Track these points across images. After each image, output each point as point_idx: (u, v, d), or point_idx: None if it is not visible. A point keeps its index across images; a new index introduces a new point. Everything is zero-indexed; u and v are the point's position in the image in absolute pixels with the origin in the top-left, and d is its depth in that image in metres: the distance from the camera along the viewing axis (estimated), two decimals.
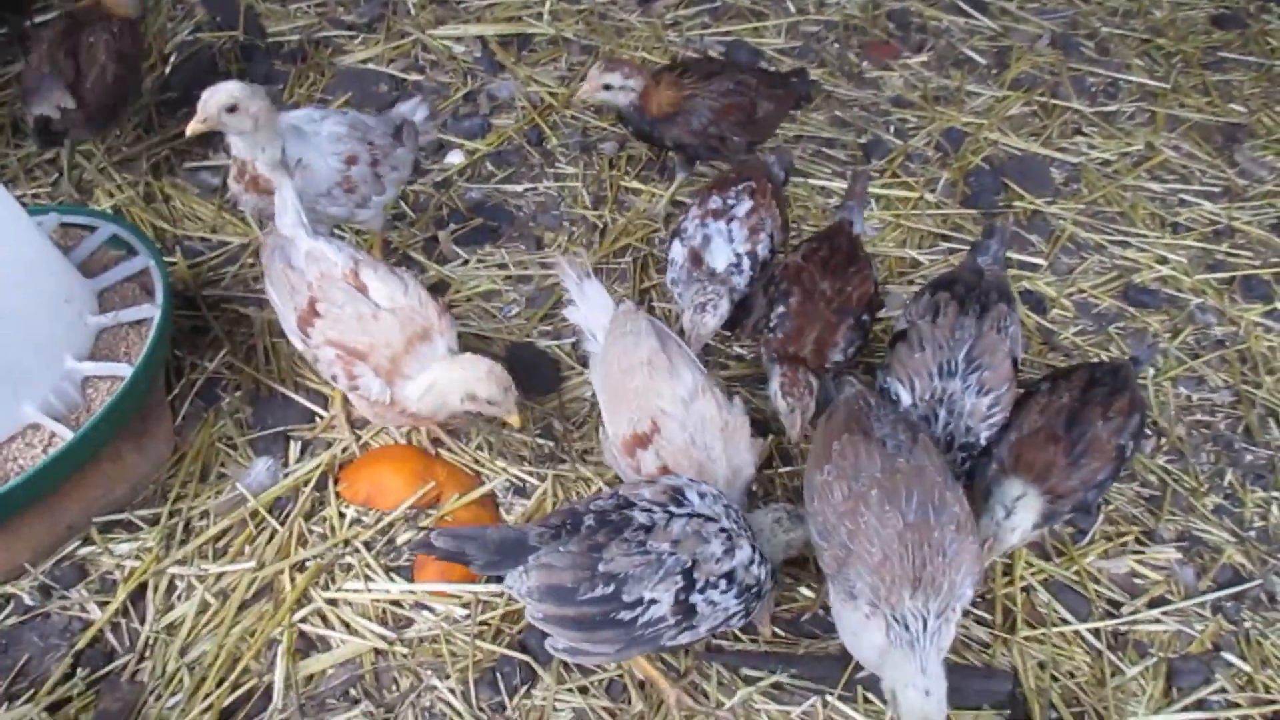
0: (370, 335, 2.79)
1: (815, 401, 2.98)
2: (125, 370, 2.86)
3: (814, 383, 2.98)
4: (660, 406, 2.70)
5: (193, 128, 2.95)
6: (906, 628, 2.27)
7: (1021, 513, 2.70)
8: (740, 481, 2.71)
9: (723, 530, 2.43)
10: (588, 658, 2.46)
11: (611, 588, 2.31)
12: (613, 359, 2.82)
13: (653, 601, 2.32)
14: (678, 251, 3.28)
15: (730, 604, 2.42)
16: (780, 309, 3.12)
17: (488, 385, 2.77)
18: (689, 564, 2.36)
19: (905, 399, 2.89)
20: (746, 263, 3.24)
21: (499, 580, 2.85)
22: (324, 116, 3.27)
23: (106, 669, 2.69)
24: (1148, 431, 3.21)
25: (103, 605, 2.80)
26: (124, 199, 3.83)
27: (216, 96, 2.91)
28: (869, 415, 2.60)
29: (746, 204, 3.29)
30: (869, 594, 2.32)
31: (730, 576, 2.40)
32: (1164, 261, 4.00)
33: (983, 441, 2.89)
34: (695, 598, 2.36)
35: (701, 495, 2.50)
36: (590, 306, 2.99)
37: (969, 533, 2.39)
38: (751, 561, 2.45)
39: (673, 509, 2.43)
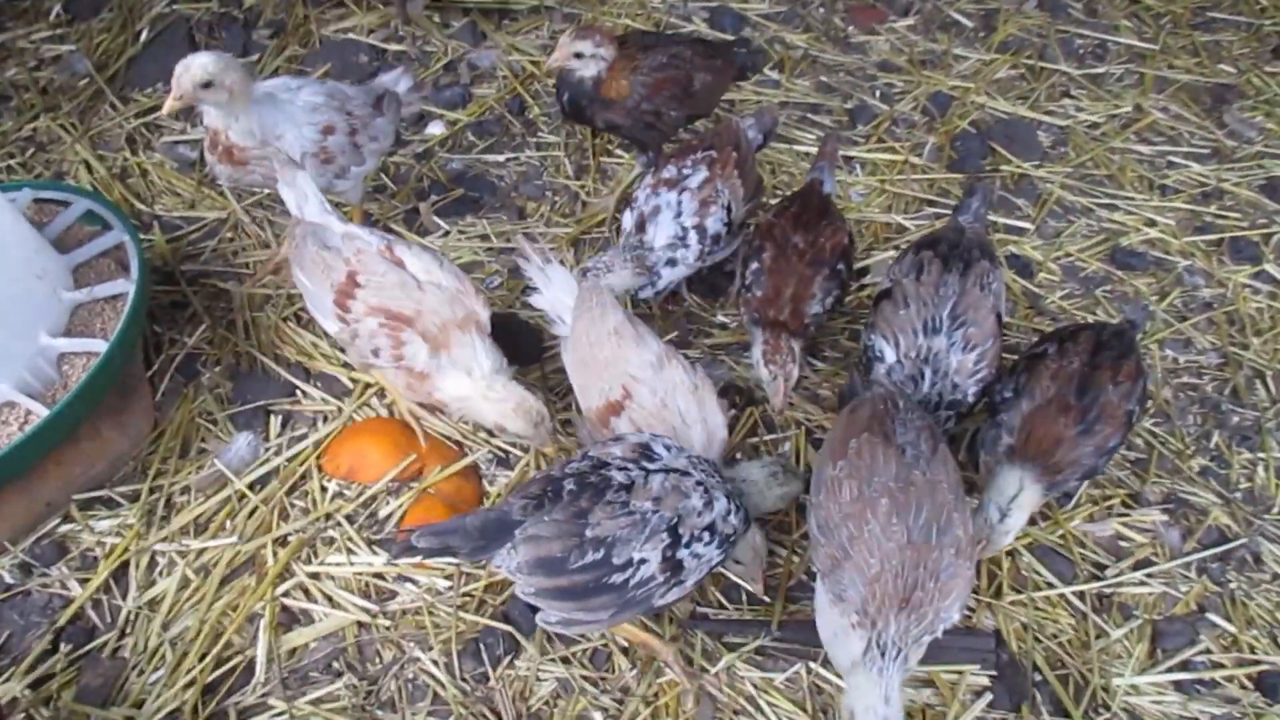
0: (417, 302, 2.77)
1: (799, 368, 2.97)
2: (101, 346, 2.83)
3: (796, 349, 2.97)
4: (630, 373, 2.70)
5: (169, 106, 2.92)
6: (882, 654, 2.26)
7: (1016, 514, 2.70)
8: (716, 444, 2.71)
9: (698, 484, 2.45)
10: (581, 627, 2.45)
11: (601, 552, 2.29)
12: (580, 334, 2.80)
13: (642, 561, 2.32)
14: (628, 219, 3.26)
15: (713, 555, 2.45)
16: (754, 265, 3.12)
17: (515, 421, 2.80)
18: (674, 520, 2.36)
19: (890, 356, 2.88)
20: (694, 237, 3.19)
21: None
22: (300, 85, 3.22)
23: (88, 646, 2.68)
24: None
25: (83, 582, 2.79)
26: (101, 175, 3.79)
27: (191, 73, 2.87)
28: (893, 419, 2.55)
29: (701, 174, 3.23)
30: (858, 604, 2.30)
31: (712, 528, 2.42)
32: (1152, 224, 3.97)
33: (970, 398, 2.88)
34: (682, 553, 2.37)
35: (668, 448, 2.51)
36: (554, 290, 2.96)
37: (967, 557, 2.36)
38: (729, 511, 2.48)
39: (646, 465, 2.43)
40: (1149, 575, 2.95)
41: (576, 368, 2.84)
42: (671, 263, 3.20)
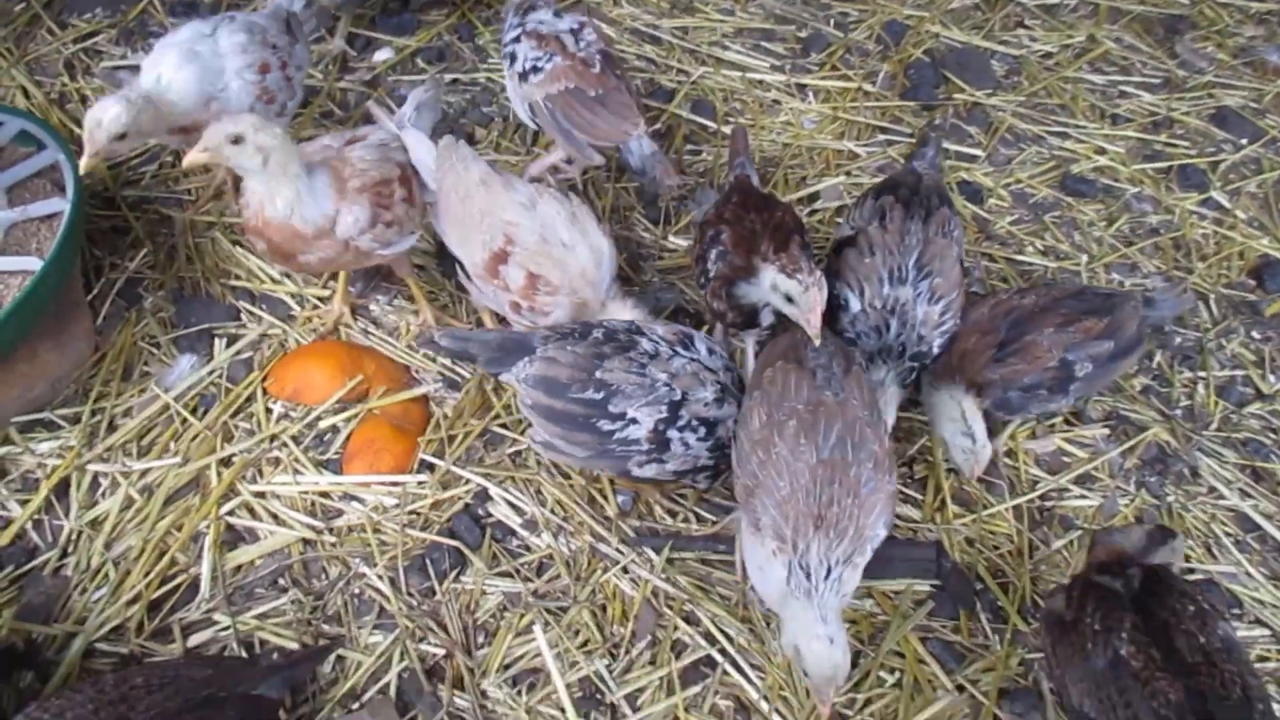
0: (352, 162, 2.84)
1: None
2: (36, 264, 2.78)
3: (809, 254, 2.72)
4: (506, 219, 2.74)
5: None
6: (808, 575, 2.19)
7: (978, 426, 2.71)
8: (606, 262, 2.79)
9: (719, 383, 2.52)
10: (557, 455, 2.58)
11: (601, 394, 2.43)
12: (448, 191, 2.82)
13: (634, 421, 2.43)
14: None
15: (702, 453, 2.50)
16: (715, 250, 2.85)
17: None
18: (678, 398, 2.45)
19: (855, 305, 2.84)
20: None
21: (430, 469, 2.87)
22: (214, 28, 3.06)
23: (29, 565, 2.66)
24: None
25: (24, 503, 2.76)
26: (39, 100, 3.70)
27: (104, 128, 2.74)
28: (807, 346, 2.51)
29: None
30: (773, 529, 2.25)
31: (711, 425, 2.49)
32: (1102, 152, 3.99)
33: (935, 349, 2.85)
34: (672, 433, 2.46)
35: (710, 350, 2.59)
36: (413, 154, 2.94)
37: (886, 471, 2.32)
38: (735, 420, 2.52)
39: (679, 350, 2.53)
40: (1089, 489, 3.00)
41: (453, 226, 2.85)
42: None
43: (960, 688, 2.59)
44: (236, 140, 2.57)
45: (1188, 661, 2.09)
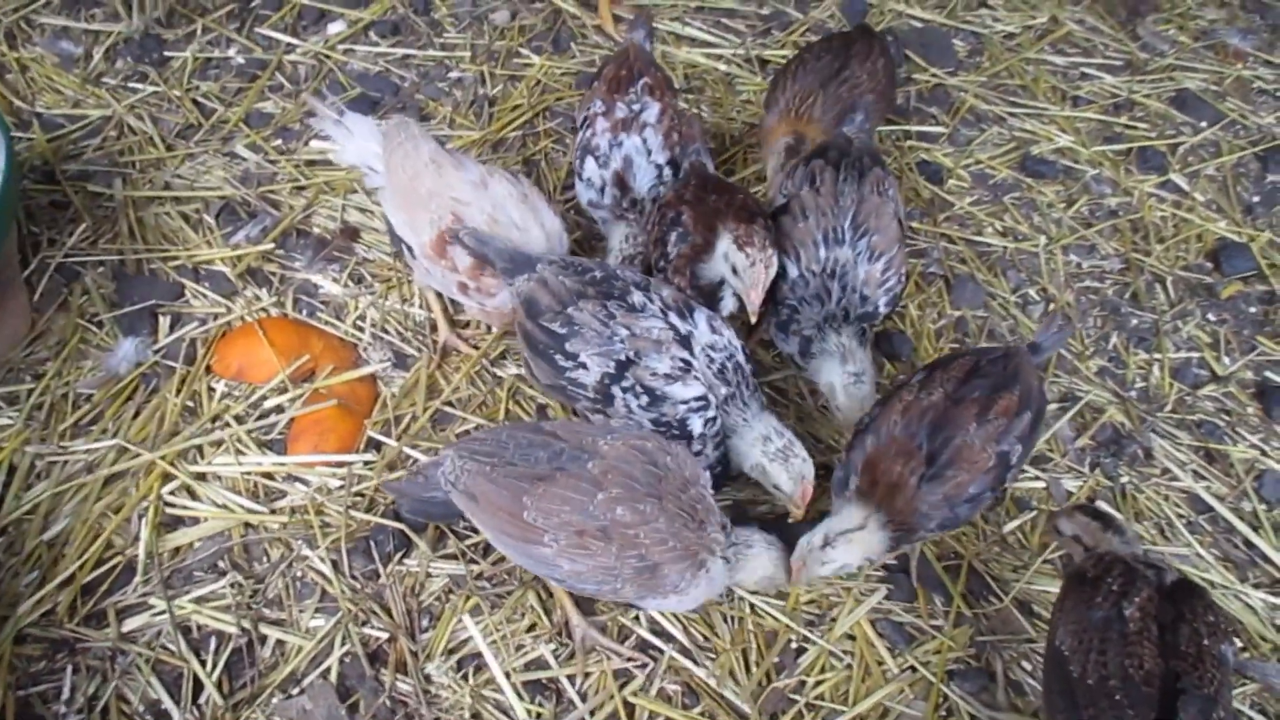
0: None
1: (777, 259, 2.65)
2: None
3: (770, 236, 2.66)
4: (455, 198, 2.70)
5: None
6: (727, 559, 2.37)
7: (842, 548, 2.39)
8: (557, 242, 2.79)
9: (685, 363, 2.47)
10: (530, 375, 2.69)
11: (564, 330, 2.47)
12: (396, 170, 2.77)
13: (583, 365, 2.46)
14: (595, 172, 3.06)
15: (645, 422, 2.47)
16: (675, 232, 2.79)
17: None
18: (626, 358, 2.44)
19: (792, 271, 2.80)
20: (668, 173, 3.06)
21: (376, 448, 2.82)
22: None
23: None
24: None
25: None
26: None
27: None
28: (506, 457, 2.29)
29: (654, 107, 3.07)
30: (695, 564, 2.29)
31: (654, 395, 2.45)
32: (1063, 133, 3.97)
33: (882, 309, 2.82)
34: (616, 390, 2.46)
35: (714, 329, 2.55)
36: (358, 140, 2.88)
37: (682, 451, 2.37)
38: (685, 403, 2.46)
39: (670, 315, 2.51)
40: (1043, 470, 2.98)
41: (400, 206, 2.79)
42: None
43: (912, 668, 2.57)
44: None
45: (1180, 649, 2.08)
